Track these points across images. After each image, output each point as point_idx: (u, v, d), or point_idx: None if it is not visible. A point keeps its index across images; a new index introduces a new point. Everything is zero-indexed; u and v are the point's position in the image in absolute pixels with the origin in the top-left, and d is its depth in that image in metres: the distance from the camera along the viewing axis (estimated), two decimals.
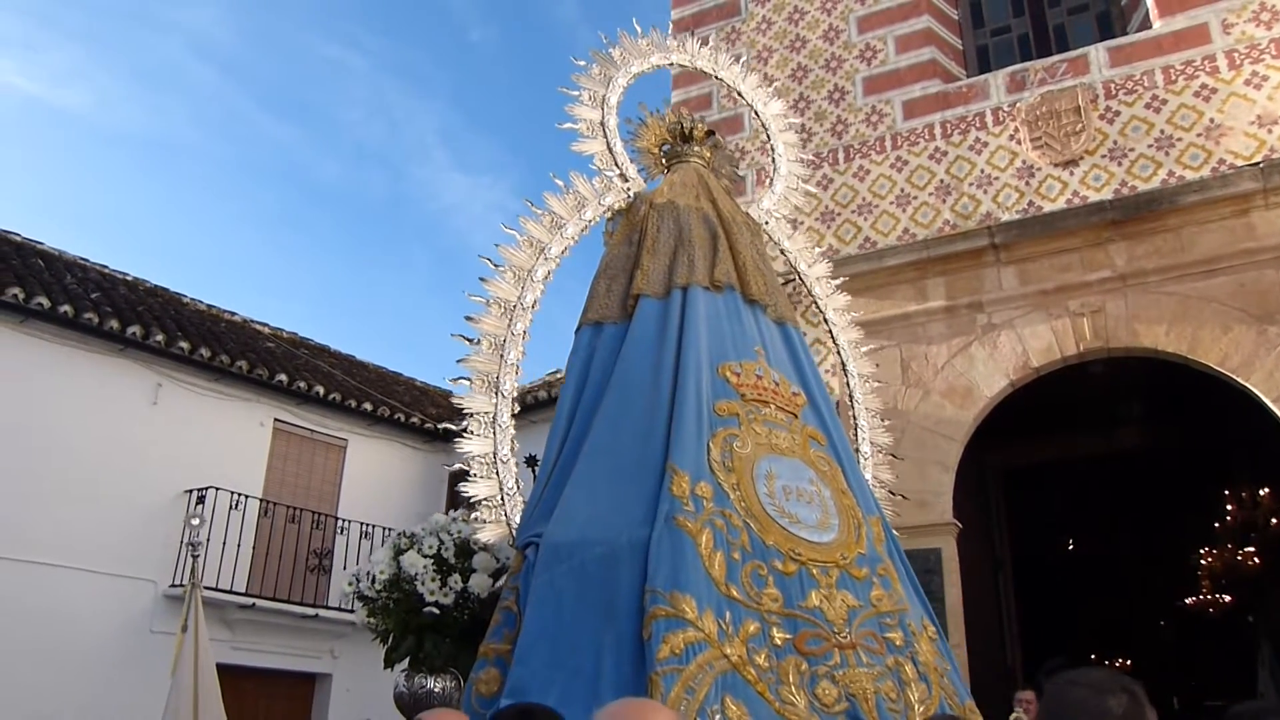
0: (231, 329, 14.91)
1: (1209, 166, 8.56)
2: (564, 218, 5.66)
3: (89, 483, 11.69)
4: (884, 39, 10.55)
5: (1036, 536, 14.38)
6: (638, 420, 4.69)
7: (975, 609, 8.89)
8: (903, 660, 4.39)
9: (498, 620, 4.29)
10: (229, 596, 12.38)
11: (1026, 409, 9.28)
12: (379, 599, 5.26)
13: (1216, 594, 14.81)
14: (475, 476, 4.93)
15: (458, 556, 5.23)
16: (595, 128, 6.03)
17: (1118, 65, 9.29)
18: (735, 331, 5.27)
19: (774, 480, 4.64)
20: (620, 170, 6.00)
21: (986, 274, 9.16)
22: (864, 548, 4.75)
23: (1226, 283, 8.23)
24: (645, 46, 6.52)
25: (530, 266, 5.44)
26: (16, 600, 10.77)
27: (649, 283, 5.31)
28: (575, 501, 4.42)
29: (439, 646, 5.10)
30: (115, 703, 11.00)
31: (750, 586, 4.13)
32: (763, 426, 4.88)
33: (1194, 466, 12.93)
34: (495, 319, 5.26)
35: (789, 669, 3.94)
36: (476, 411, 5.05)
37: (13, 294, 11.25)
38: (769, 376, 5.17)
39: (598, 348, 5.20)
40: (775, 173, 6.98)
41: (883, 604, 4.56)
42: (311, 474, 14.41)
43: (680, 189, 5.87)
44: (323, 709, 13.76)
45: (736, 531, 4.27)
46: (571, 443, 4.83)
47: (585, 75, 6.15)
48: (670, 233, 5.55)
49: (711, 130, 6.59)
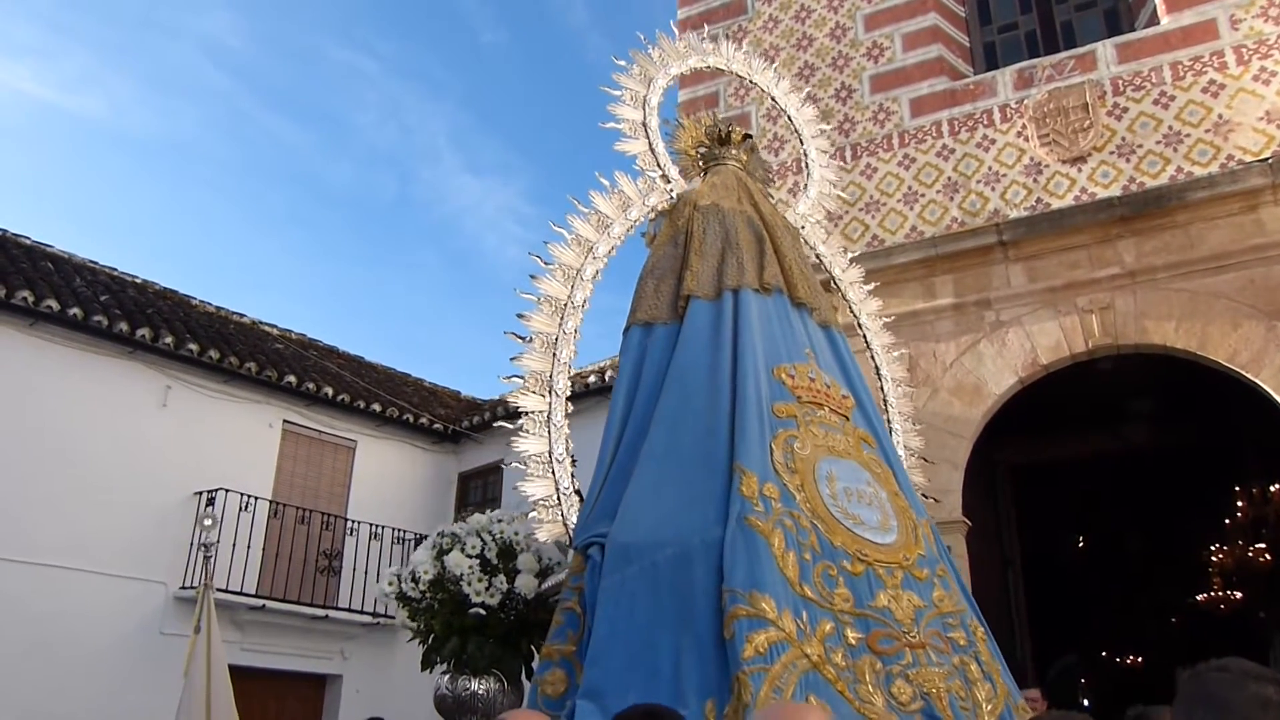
0: (240, 331, 14.94)
1: (1218, 162, 8.54)
2: (610, 217, 5.68)
3: (99, 485, 11.72)
4: (891, 36, 10.54)
5: (1046, 534, 14.34)
6: (698, 421, 4.69)
7: (985, 607, 8.78)
8: (967, 659, 4.43)
9: (560, 621, 4.29)
10: (239, 598, 12.39)
11: (1035, 406, 9.26)
12: (423, 600, 5.20)
13: (1228, 591, 14.77)
14: (531, 476, 4.93)
15: (499, 557, 5.18)
16: (638, 128, 6.06)
17: (1126, 61, 9.26)
18: (786, 334, 5.30)
19: (835, 482, 4.66)
20: (662, 171, 6.02)
21: (995, 271, 9.15)
22: (923, 549, 4.80)
23: (1236, 278, 8.22)
24: (683, 49, 6.58)
25: (579, 265, 5.46)
26: (28, 602, 10.81)
27: (699, 284, 5.30)
28: (639, 502, 4.42)
29: (482, 648, 5.05)
30: (126, 704, 11.02)
31: (822, 586, 4.14)
32: (819, 429, 4.90)
33: (1204, 463, 12.88)
34: (546, 317, 5.27)
35: (865, 668, 3.96)
36: (531, 410, 5.05)
37: (22, 297, 11.28)
38: (821, 379, 5.19)
39: (649, 348, 5.19)
40: (809, 178, 7.02)
41: (944, 604, 4.61)
42: (321, 475, 14.43)
43: (722, 191, 5.88)
44: (333, 710, 13.78)
45: (805, 532, 4.28)
46: (627, 442, 4.83)
47: (626, 75, 6.16)
48: (717, 235, 5.56)
49: (748, 134, 6.60)
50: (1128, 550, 16.91)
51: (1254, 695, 1.86)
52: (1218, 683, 1.92)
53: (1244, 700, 1.86)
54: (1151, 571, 17.05)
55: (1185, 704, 1.95)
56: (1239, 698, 1.87)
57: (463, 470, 15.98)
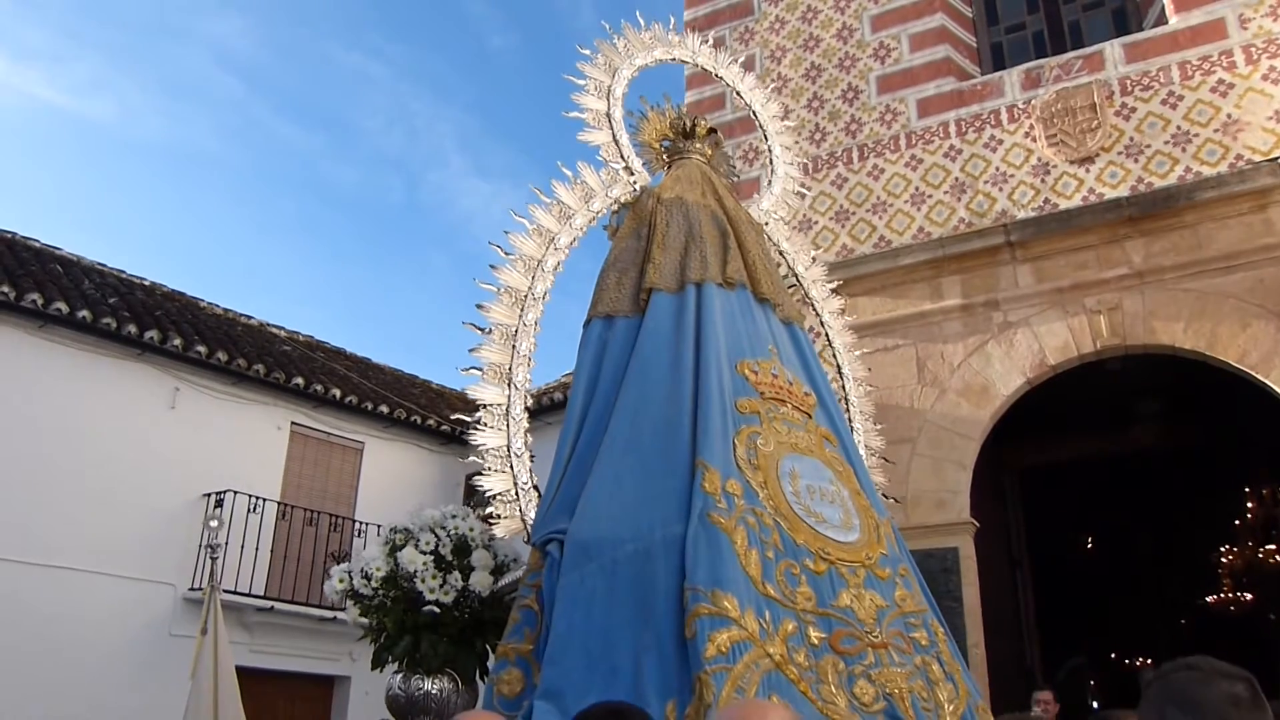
0: (248, 333, 14.97)
1: (1226, 162, 8.51)
2: (573, 208, 5.58)
3: (107, 487, 11.76)
4: (898, 37, 10.52)
5: (1054, 535, 14.30)
6: (659, 415, 4.60)
7: (993, 608, 8.86)
8: (929, 659, 4.38)
9: (517, 619, 4.20)
10: (247, 599, 12.43)
11: (1043, 407, 9.23)
12: (375, 597, 5.08)
13: (1237, 592, 14.71)
14: (489, 470, 4.83)
15: (454, 554, 5.08)
16: (601, 118, 5.95)
17: (1133, 61, 9.23)
18: (749, 329, 5.22)
19: (798, 479, 4.60)
20: (625, 163, 5.91)
21: (1002, 272, 9.12)
22: (885, 548, 4.73)
23: (1245, 278, 8.18)
24: (648, 40, 6.45)
25: (541, 256, 5.35)
26: (36, 604, 10.85)
27: (661, 277, 5.23)
28: (599, 497, 4.33)
29: (436, 647, 4.94)
30: (134, 705, 11.05)
31: (785, 585, 4.08)
32: (782, 425, 4.82)
33: (1213, 464, 12.84)
34: (506, 308, 5.16)
35: (827, 668, 3.92)
36: (489, 403, 4.96)
37: (31, 299, 11.32)
38: (783, 375, 5.12)
39: (609, 341, 5.11)
40: (772, 174, 6.93)
41: (906, 604, 4.54)
42: (329, 476, 14.46)
43: (686, 185, 5.79)
44: (341, 711, 13.80)
45: (768, 530, 4.22)
46: (587, 436, 4.74)
47: (590, 65, 6.05)
48: (680, 228, 5.48)
49: (714, 128, 6.51)
50: (1136, 551, 16.88)
51: (1225, 693, 1.85)
52: (1188, 681, 1.91)
53: (1215, 698, 1.85)
54: (1160, 573, 17.01)
55: (1155, 704, 1.93)
56: (1211, 695, 1.86)
57: (470, 471, 15.94)
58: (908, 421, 9.03)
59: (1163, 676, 1.97)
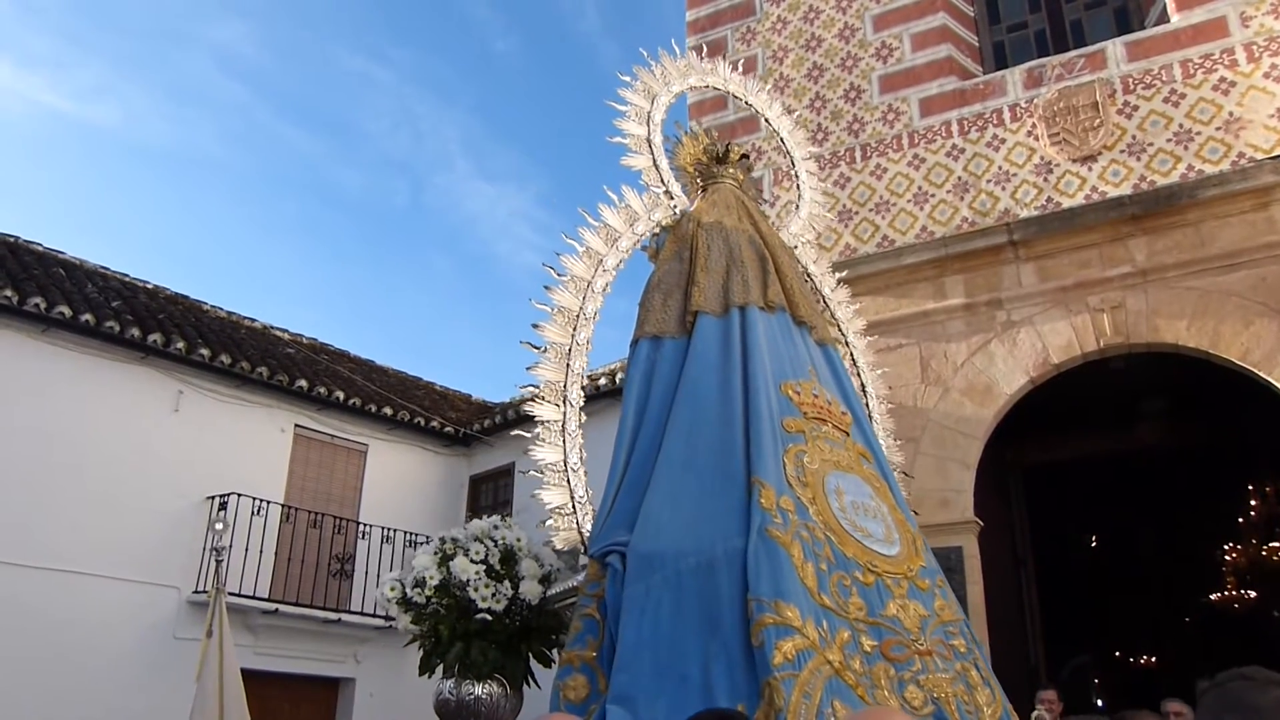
0: (252, 335, 14.99)
1: (1229, 160, 8.51)
2: (618, 231, 5.75)
3: (112, 490, 11.77)
4: (900, 36, 10.52)
5: (1058, 534, 14.31)
6: (712, 434, 4.77)
7: (997, 607, 8.86)
8: (968, 665, 4.56)
9: (579, 627, 4.34)
10: (252, 602, 12.44)
11: (1047, 406, 9.24)
12: (428, 604, 5.23)
13: (1241, 590, 14.72)
14: (547, 484, 4.97)
15: (502, 563, 5.24)
16: (642, 144, 6.11)
17: (1135, 60, 9.23)
18: (790, 351, 5.40)
19: (843, 495, 4.79)
20: (665, 187, 6.08)
21: (1005, 271, 9.13)
22: (924, 560, 4.93)
23: (1248, 276, 8.18)
24: (683, 67, 6.67)
25: (590, 277, 5.53)
26: (41, 607, 10.86)
27: (706, 300, 5.38)
28: (658, 511, 4.49)
29: (486, 653, 5.10)
30: (140, 709, 11.06)
31: (838, 596, 4.24)
32: (825, 444, 5.01)
33: (1216, 462, 12.84)
34: (559, 328, 5.32)
35: (880, 674, 4.07)
36: (547, 419, 5.10)
37: (34, 303, 11.34)
38: (823, 395, 5.31)
39: (658, 362, 5.26)
40: (800, 199, 7.10)
41: (945, 613, 4.74)
42: (333, 479, 14.47)
43: (723, 209, 5.96)
44: (346, 713, 13.81)
45: (820, 544, 4.38)
46: (639, 453, 4.90)
47: (631, 90, 6.23)
48: (721, 252, 5.64)
49: (745, 154, 6.69)
50: (1140, 550, 16.88)
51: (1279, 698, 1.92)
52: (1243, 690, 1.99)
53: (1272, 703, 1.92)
54: (1164, 571, 17.00)
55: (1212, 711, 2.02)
56: (1267, 701, 1.93)
57: (474, 473, 16.02)
58: (911, 421, 9.04)
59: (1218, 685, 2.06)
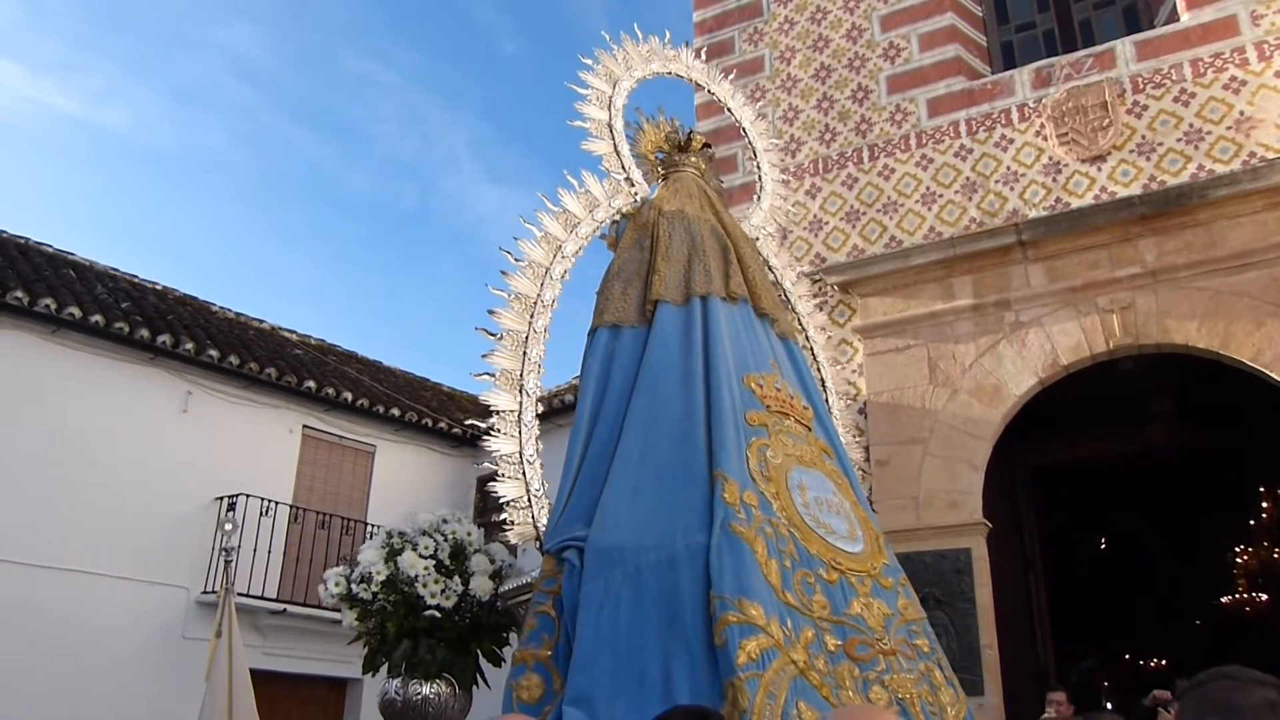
0: (260, 336, 15.00)
1: (1239, 160, 8.47)
2: (578, 217, 5.64)
3: (121, 491, 11.79)
4: (907, 37, 10.49)
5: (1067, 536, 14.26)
6: (673, 426, 4.67)
7: (1006, 609, 8.83)
8: (931, 665, 4.50)
9: (533, 625, 4.23)
10: (260, 602, 12.45)
11: (1056, 408, 9.19)
12: (374, 601, 5.08)
13: (1252, 593, 14.66)
14: (503, 477, 4.87)
15: (452, 558, 5.10)
16: (603, 128, 6.01)
17: (1145, 59, 9.19)
18: (752, 344, 5.31)
19: (806, 491, 4.70)
20: (626, 174, 5.97)
21: (1014, 272, 9.09)
22: (886, 558, 4.86)
23: (1259, 277, 8.13)
24: (645, 53, 6.52)
25: (549, 264, 5.42)
26: (50, 608, 10.88)
27: (667, 289, 5.28)
28: (617, 506, 4.38)
29: (434, 651, 4.96)
30: (148, 709, 11.08)
31: (802, 594, 4.16)
32: (787, 438, 4.92)
33: (1227, 464, 12.79)
34: (516, 315, 5.22)
35: (844, 674, 4.00)
36: (502, 409, 5.00)
37: (44, 304, 11.38)
38: (785, 389, 5.22)
39: (617, 350, 5.16)
40: (761, 191, 6.99)
41: (909, 612, 4.68)
42: (340, 480, 14.48)
43: (685, 198, 5.85)
44: (354, 713, 13.80)
45: (784, 540, 4.30)
46: (596, 444, 4.78)
47: (591, 74, 6.12)
48: (683, 241, 5.54)
49: (708, 143, 6.57)
50: (1150, 552, 16.81)
51: (1262, 699, 1.90)
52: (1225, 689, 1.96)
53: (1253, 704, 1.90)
54: (1174, 573, 16.94)
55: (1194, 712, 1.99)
56: (1248, 701, 1.90)
57: (481, 474, 16.00)
58: (919, 422, 9.01)
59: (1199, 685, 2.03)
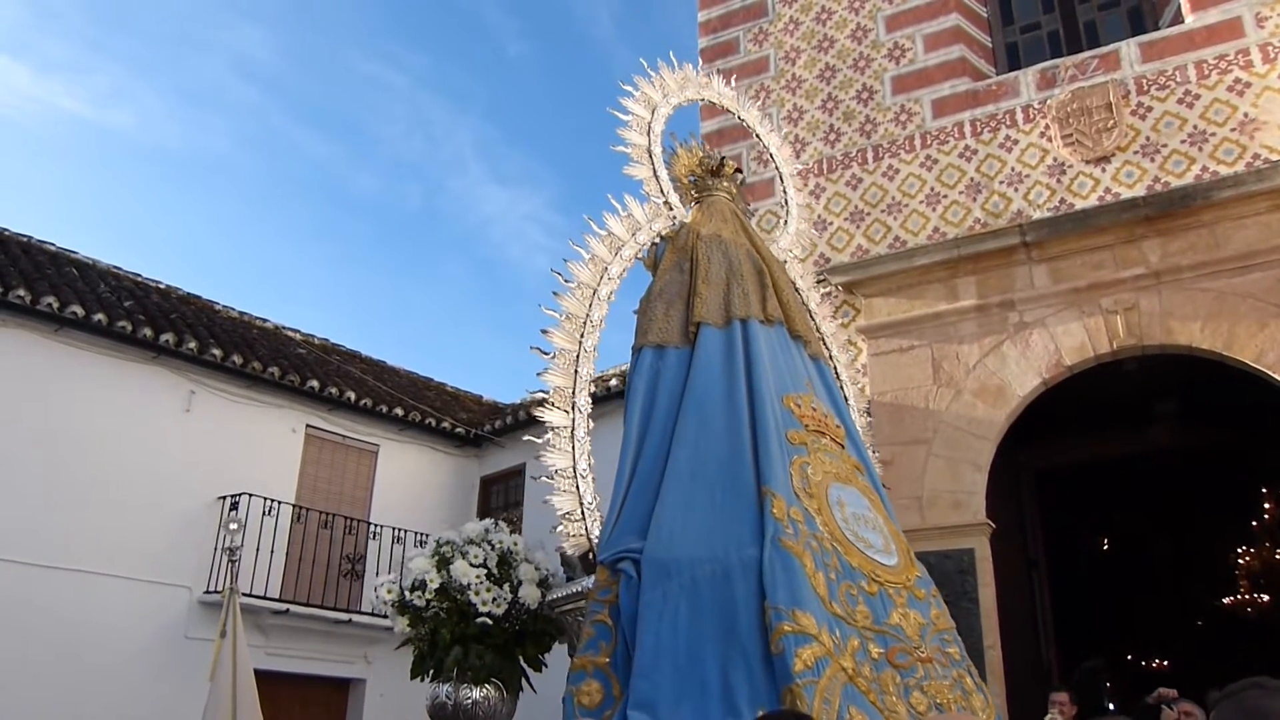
0: (263, 336, 15.00)
1: (1244, 161, 8.46)
2: (621, 239, 5.82)
3: (123, 490, 11.80)
4: (912, 37, 10.49)
5: (1070, 536, 14.26)
6: (720, 444, 4.84)
7: (1010, 609, 8.83)
8: (962, 672, 4.69)
9: (591, 633, 4.41)
10: (263, 602, 12.46)
11: (1060, 408, 9.19)
12: (428, 608, 5.26)
13: (1255, 594, 14.65)
14: (557, 490, 5.03)
15: (499, 566, 5.29)
16: (643, 154, 6.18)
17: (1150, 60, 9.19)
18: (789, 365, 5.51)
19: (845, 507, 4.91)
20: (665, 198, 6.14)
21: (1018, 272, 9.08)
22: (919, 571, 5.05)
23: (1263, 278, 8.13)
24: (680, 79, 6.77)
25: (596, 285, 5.61)
26: (54, 607, 10.89)
27: (708, 311, 5.47)
28: (671, 520, 4.56)
29: (483, 657, 5.15)
30: (152, 708, 11.10)
31: (847, 605, 4.36)
32: (825, 456, 5.12)
33: (1230, 464, 12.78)
34: (567, 334, 5.39)
35: (887, 681, 4.19)
36: (556, 425, 5.15)
37: (47, 303, 11.38)
38: (821, 408, 5.41)
39: (662, 370, 5.34)
40: (788, 214, 7.18)
41: (940, 622, 4.86)
42: (344, 479, 14.48)
43: (719, 222, 6.05)
44: (357, 713, 13.82)
45: (828, 554, 4.49)
46: (646, 461, 4.96)
47: (632, 100, 6.31)
48: (721, 264, 5.72)
49: (739, 168, 6.76)
50: (1153, 553, 16.80)
51: None
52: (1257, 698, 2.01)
53: None
54: (1177, 574, 16.93)
55: None
56: None
57: (485, 474, 16.03)
58: (923, 422, 9.01)
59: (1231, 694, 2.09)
